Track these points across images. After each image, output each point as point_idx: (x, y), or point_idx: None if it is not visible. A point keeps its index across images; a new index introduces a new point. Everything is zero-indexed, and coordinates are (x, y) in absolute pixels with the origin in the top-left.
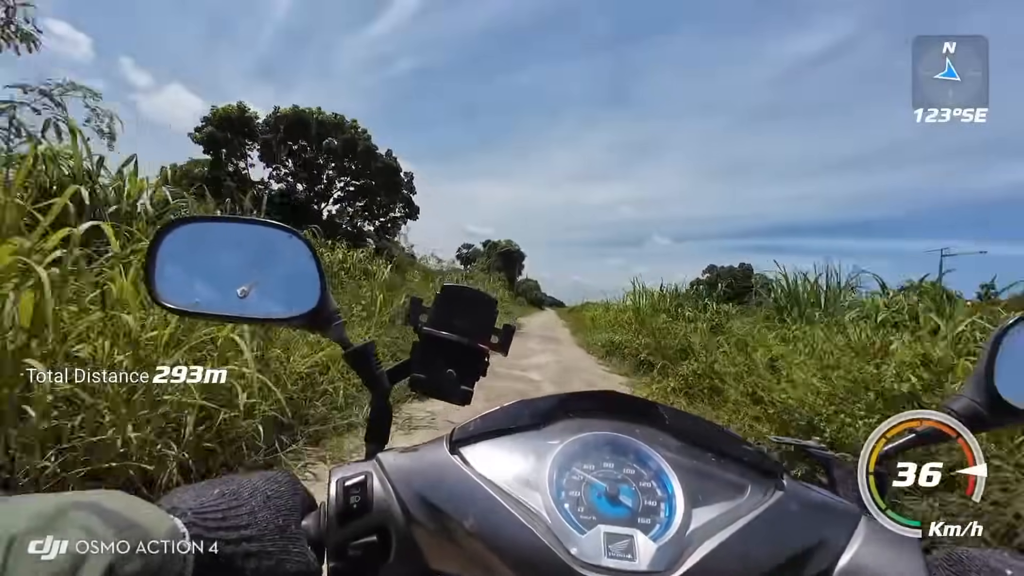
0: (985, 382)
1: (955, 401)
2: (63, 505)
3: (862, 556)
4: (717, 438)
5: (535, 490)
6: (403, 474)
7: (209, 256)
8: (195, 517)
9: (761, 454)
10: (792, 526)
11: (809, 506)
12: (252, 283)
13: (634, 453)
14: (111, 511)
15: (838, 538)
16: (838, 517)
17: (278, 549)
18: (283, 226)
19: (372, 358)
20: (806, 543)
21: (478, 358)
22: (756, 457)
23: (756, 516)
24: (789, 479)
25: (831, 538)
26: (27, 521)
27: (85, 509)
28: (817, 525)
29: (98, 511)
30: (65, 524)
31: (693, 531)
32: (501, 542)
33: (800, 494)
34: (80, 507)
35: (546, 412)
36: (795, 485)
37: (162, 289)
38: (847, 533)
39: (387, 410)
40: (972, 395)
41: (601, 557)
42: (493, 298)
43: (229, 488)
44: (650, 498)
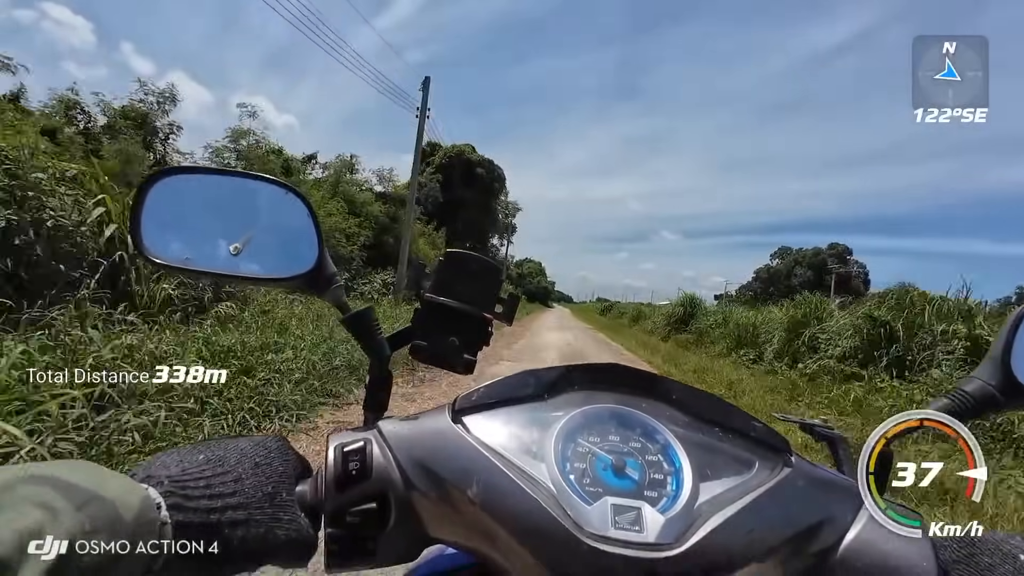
0: (1001, 365)
1: (968, 383)
2: (12, 480)
3: (868, 533)
4: (724, 413)
5: (540, 461)
6: (403, 441)
7: (199, 210)
8: (173, 486)
9: (769, 430)
10: (799, 502)
11: (816, 483)
12: (245, 239)
13: (640, 426)
14: (71, 484)
15: (844, 515)
16: (844, 495)
17: (267, 517)
18: (279, 181)
19: (372, 323)
20: (812, 519)
21: (481, 327)
22: (764, 433)
23: (764, 491)
24: (797, 456)
25: (837, 515)
26: None
27: (39, 482)
28: (824, 502)
29: (55, 484)
30: (15, 500)
31: (700, 505)
32: (505, 511)
33: (807, 471)
34: (34, 480)
35: (551, 383)
36: (802, 462)
37: (149, 243)
38: (853, 511)
39: (387, 377)
40: (988, 378)
41: (608, 528)
42: (498, 266)
43: (215, 454)
44: (657, 471)
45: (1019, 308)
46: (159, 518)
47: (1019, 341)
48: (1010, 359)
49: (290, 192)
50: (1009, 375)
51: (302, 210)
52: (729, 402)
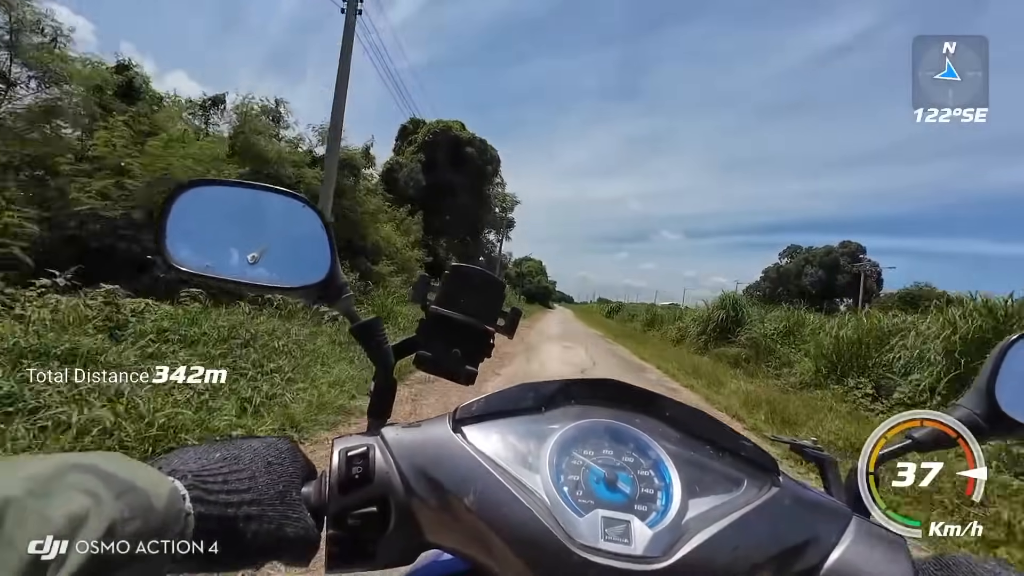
0: (986, 394)
1: (955, 410)
2: (61, 467)
3: (851, 554)
4: (716, 432)
5: (535, 472)
6: (405, 448)
7: (220, 220)
8: (195, 480)
9: (758, 450)
10: (785, 521)
11: (802, 503)
12: (262, 249)
13: (633, 441)
14: (110, 473)
15: (829, 535)
16: (830, 516)
17: (278, 514)
18: (295, 194)
19: (379, 333)
20: (798, 539)
21: (484, 340)
22: (753, 453)
23: (751, 509)
24: (785, 476)
25: (822, 535)
26: (24, 483)
27: (84, 471)
28: (809, 522)
29: (97, 473)
30: (64, 486)
31: (688, 520)
32: (500, 520)
33: (794, 491)
34: (79, 469)
35: (548, 396)
36: (790, 482)
37: (174, 251)
38: (838, 531)
39: (391, 385)
40: (973, 406)
41: (598, 540)
42: (501, 281)
43: (230, 452)
44: (647, 486)
45: (1004, 340)
46: (184, 509)
47: (1004, 372)
48: (995, 388)
49: (306, 206)
50: (994, 404)
51: (316, 222)
52: (719, 420)
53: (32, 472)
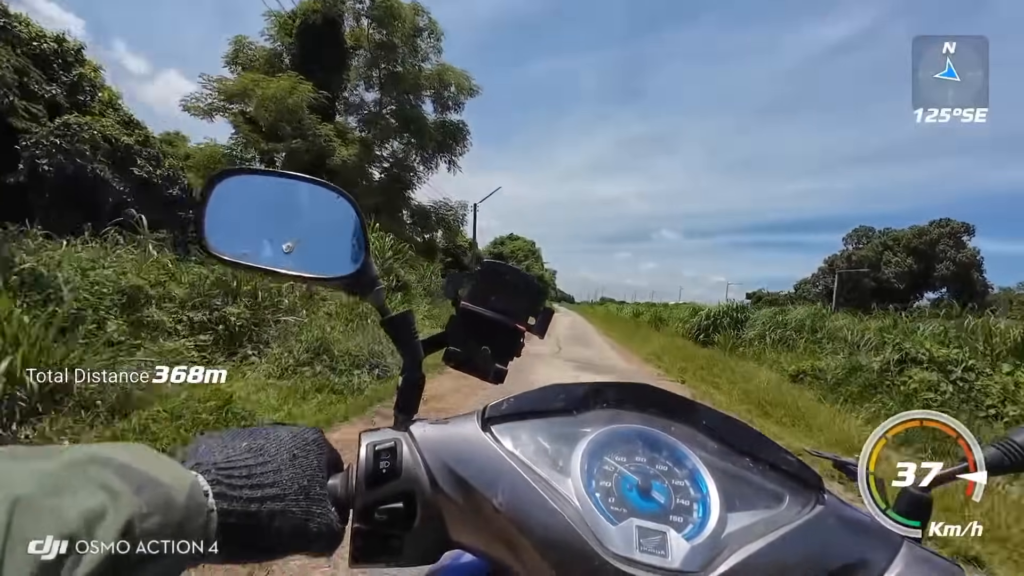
0: None
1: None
2: (79, 460)
3: None
4: (757, 444)
5: (566, 475)
6: (433, 445)
7: (257, 209)
8: (219, 474)
9: (802, 465)
10: (832, 542)
11: (850, 524)
12: (297, 239)
13: (668, 450)
14: (130, 467)
15: (879, 560)
16: (880, 539)
17: (301, 510)
18: (331, 185)
19: (410, 326)
20: (845, 561)
21: (514, 338)
22: (797, 468)
23: (795, 527)
24: (830, 494)
25: (871, 559)
26: (38, 479)
27: (102, 464)
28: (857, 544)
29: (116, 467)
30: (80, 481)
31: (728, 535)
32: (530, 523)
33: (841, 511)
34: (96, 462)
35: (580, 399)
36: (835, 501)
37: (213, 239)
38: (888, 556)
39: (419, 379)
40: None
41: (633, 550)
42: (535, 279)
43: (256, 443)
44: (683, 497)
45: None
46: (206, 505)
47: None
48: None
49: (341, 196)
50: None
51: (351, 214)
52: (760, 431)
53: (46, 467)
